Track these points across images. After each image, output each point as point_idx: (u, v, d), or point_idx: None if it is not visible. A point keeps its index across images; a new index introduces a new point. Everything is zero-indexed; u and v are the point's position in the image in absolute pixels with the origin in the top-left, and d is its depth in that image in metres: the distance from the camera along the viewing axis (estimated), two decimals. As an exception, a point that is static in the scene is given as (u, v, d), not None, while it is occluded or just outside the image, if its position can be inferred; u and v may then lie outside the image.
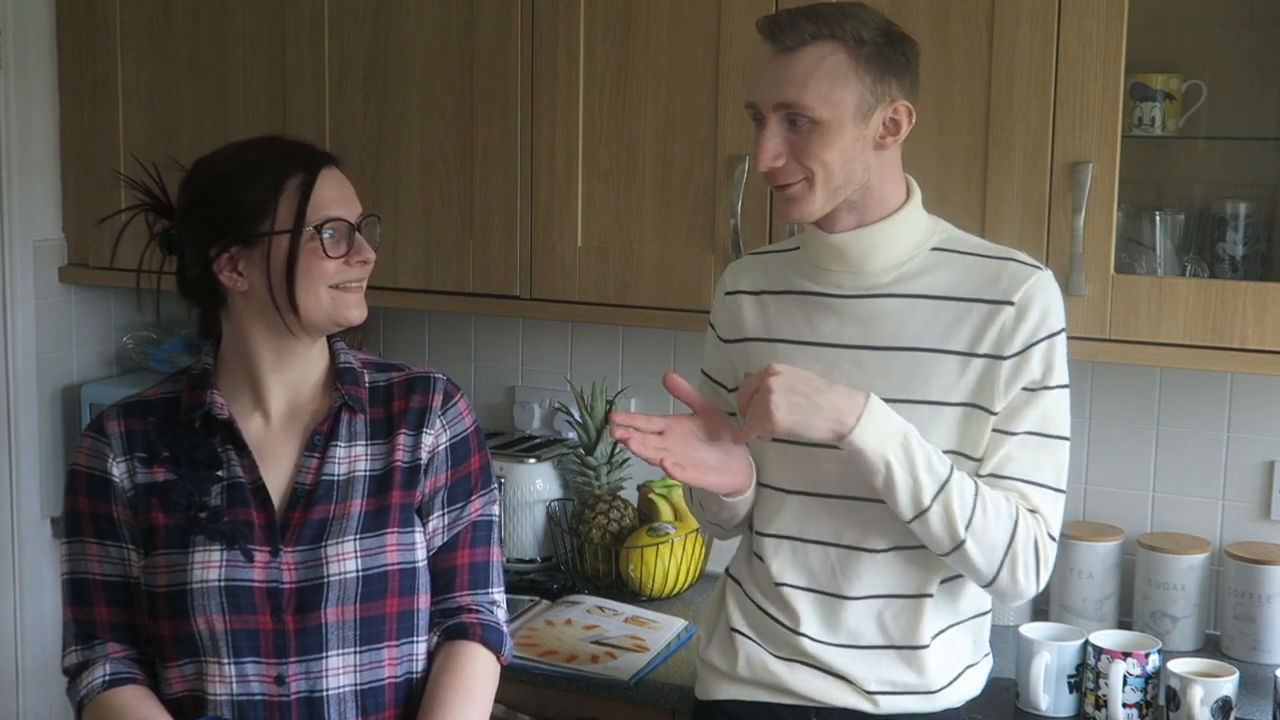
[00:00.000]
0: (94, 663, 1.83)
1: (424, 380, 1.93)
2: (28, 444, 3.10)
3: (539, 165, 2.62)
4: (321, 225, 1.80)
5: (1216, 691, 2.07)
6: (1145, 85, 2.29)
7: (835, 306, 1.91)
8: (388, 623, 1.83)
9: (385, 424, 1.89)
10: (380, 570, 1.82)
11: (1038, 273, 1.86)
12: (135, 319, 3.32)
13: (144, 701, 1.81)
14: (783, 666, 1.93)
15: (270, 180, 1.79)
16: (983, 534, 1.79)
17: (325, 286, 1.81)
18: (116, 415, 1.89)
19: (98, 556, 1.85)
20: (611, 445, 2.80)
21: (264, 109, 2.86)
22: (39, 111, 3.07)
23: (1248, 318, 2.14)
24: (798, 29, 1.80)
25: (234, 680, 1.79)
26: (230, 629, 1.78)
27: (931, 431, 1.83)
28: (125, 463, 1.85)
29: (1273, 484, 2.47)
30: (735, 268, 2.06)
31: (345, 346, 1.95)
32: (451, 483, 1.91)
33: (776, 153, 1.82)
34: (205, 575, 1.78)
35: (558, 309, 2.66)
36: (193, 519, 1.81)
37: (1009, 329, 1.83)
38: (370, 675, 1.82)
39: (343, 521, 1.82)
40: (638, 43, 2.52)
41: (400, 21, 2.71)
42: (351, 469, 1.86)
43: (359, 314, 1.85)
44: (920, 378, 1.85)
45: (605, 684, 2.32)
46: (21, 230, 3.05)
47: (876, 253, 1.89)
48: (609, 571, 2.74)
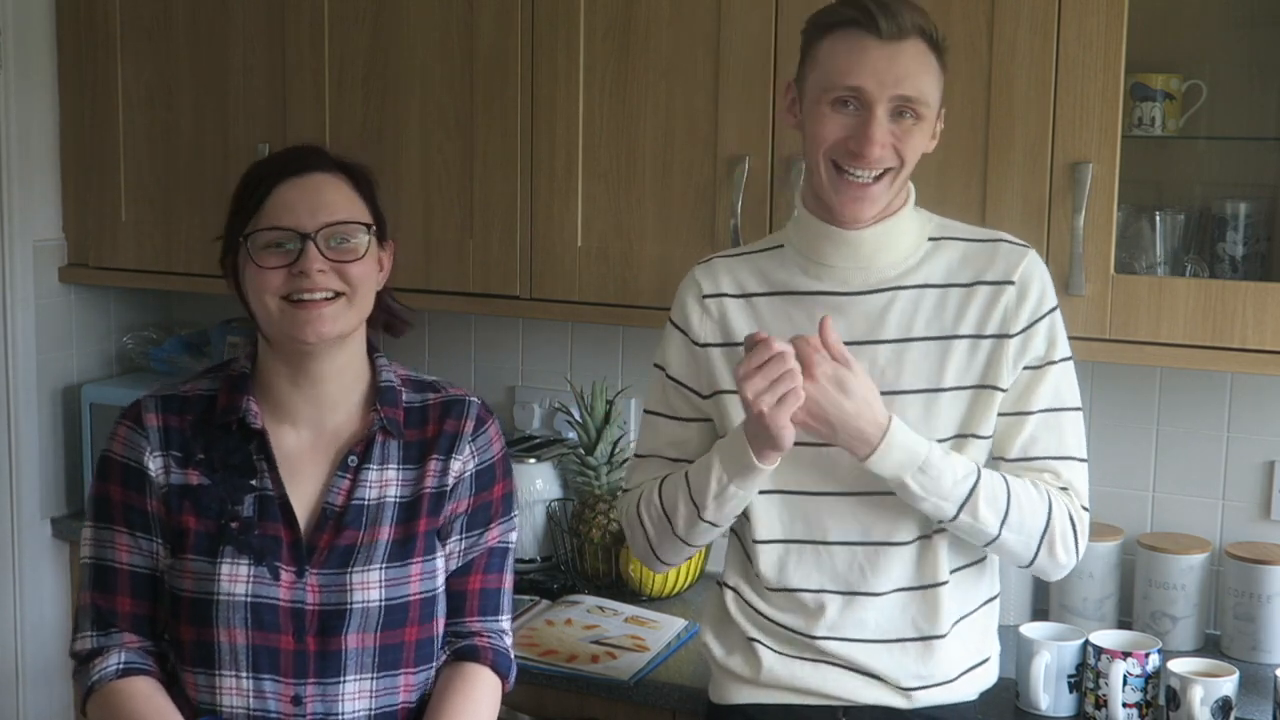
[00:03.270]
0: (108, 650, 1.82)
1: (459, 404, 1.91)
2: (28, 444, 3.10)
3: (539, 165, 2.62)
4: (250, 234, 1.78)
5: (1216, 691, 2.07)
6: (1145, 85, 2.29)
7: (839, 304, 1.89)
8: (406, 650, 1.83)
9: (419, 448, 1.87)
10: (403, 600, 1.81)
11: (1029, 251, 1.91)
12: (135, 319, 3.32)
13: (156, 693, 1.81)
14: (808, 668, 1.91)
15: (248, 188, 1.81)
16: (1019, 527, 1.83)
17: (272, 297, 1.78)
18: (155, 408, 1.86)
19: (127, 547, 1.84)
20: (611, 445, 2.80)
21: (264, 109, 2.86)
22: (39, 111, 3.07)
23: (1248, 318, 2.14)
24: (899, 18, 1.79)
25: (251, 695, 1.78)
26: (252, 644, 1.77)
27: (948, 415, 1.85)
28: (161, 458, 1.84)
29: (1273, 484, 2.47)
30: (708, 270, 1.99)
31: (388, 363, 1.92)
32: (473, 509, 1.90)
33: (884, 141, 1.81)
34: (233, 589, 1.77)
35: (558, 309, 2.66)
36: (224, 528, 1.80)
37: (1013, 307, 1.86)
38: (385, 700, 1.82)
39: (370, 549, 1.81)
40: (638, 43, 2.52)
41: (400, 21, 2.71)
42: (382, 494, 1.84)
43: (311, 332, 1.77)
44: (934, 366, 1.86)
45: (605, 684, 2.32)
46: (21, 230, 3.05)
47: (888, 248, 1.90)
48: (609, 571, 2.74)
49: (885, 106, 1.80)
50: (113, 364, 3.32)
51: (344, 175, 1.84)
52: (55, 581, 3.13)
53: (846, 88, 1.81)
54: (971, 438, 1.87)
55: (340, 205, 1.81)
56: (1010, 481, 1.84)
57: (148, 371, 3.24)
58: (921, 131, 1.84)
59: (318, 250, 1.77)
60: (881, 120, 1.80)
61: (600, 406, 2.79)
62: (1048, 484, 1.87)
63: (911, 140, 1.83)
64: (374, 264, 1.84)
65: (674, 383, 2.00)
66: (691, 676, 2.30)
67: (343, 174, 1.84)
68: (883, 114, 1.80)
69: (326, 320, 1.78)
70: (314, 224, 1.77)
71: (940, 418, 1.86)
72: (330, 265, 1.78)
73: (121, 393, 3.00)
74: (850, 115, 1.82)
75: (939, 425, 1.86)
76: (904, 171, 1.85)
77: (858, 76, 1.80)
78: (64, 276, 3.15)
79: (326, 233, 1.78)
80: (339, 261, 1.79)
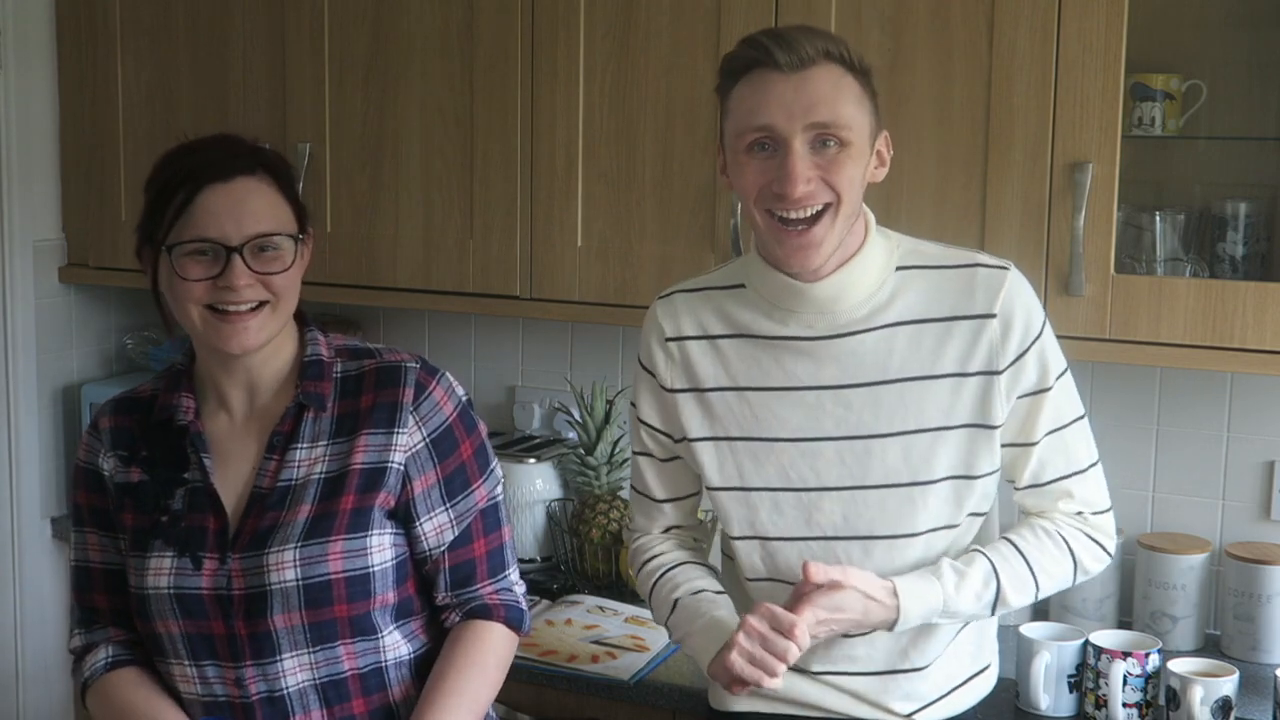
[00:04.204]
0: (97, 646, 1.89)
1: (394, 371, 1.85)
2: (28, 444, 3.10)
3: (539, 165, 2.62)
4: (172, 245, 1.76)
5: (1216, 691, 2.07)
6: (1145, 85, 2.29)
7: (807, 349, 1.84)
8: (340, 625, 1.80)
9: (350, 420, 1.83)
10: (322, 579, 1.77)
11: (1007, 274, 1.82)
12: (135, 319, 3.32)
13: (142, 681, 1.86)
14: (807, 682, 1.90)
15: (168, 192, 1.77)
16: (1050, 584, 1.87)
17: (195, 306, 1.77)
18: (110, 411, 1.92)
19: (98, 546, 1.89)
20: (611, 445, 2.80)
21: (264, 109, 2.86)
22: (39, 111, 3.07)
23: (1248, 318, 2.13)
24: (798, 48, 1.70)
25: (198, 682, 1.81)
26: (186, 633, 1.80)
27: (935, 458, 1.81)
28: (112, 459, 1.88)
29: (1273, 484, 2.47)
30: (668, 309, 1.93)
31: (319, 335, 1.88)
32: (445, 477, 1.86)
33: (808, 176, 1.71)
34: (157, 582, 1.80)
35: (558, 309, 2.66)
36: (155, 522, 1.82)
37: (998, 343, 1.80)
38: (328, 670, 1.81)
39: (288, 528, 1.78)
40: (638, 42, 2.52)
41: (400, 21, 2.71)
42: (309, 472, 1.82)
43: (236, 344, 1.76)
44: (913, 407, 1.81)
45: (605, 684, 2.32)
46: (21, 230, 3.06)
47: (851, 291, 1.81)
48: (609, 571, 2.74)
49: (802, 139, 1.71)
50: (112, 364, 3.32)
51: (267, 175, 1.80)
52: (55, 581, 3.13)
53: (757, 128, 1.72)
54: (965, 479, 1.83)
55: (265, 214, 1.77)
56: (1025, 551, 1.84)
57: (148, 371, 3.23)
58: (852, 159, 1.73)
59: (244, 264, 1.75)
60: (800, 153, 1.71)
61: (600, 406, 2.79)
62: (1059, 519, 1.87)
63: (842, 170, 1.72)
64: (299, 268, 1.82)
65: (646, 426, 1.97)
66: (691, 677, 2.30)
67: (266, 173, 1.80)
68: (800, 147, 1.71)
69: (251, 332, 1.77)
70: (239, 236, 1.75)
71: (925, 459, 1.81)
72: (255, 278, 1.76)
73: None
74: (768, 158, 1.73)
75: (923, 468, 1.82)
76: (844, 206, 1.73)
77: (766, 114, 1.71)
78: (64, 276, 3.16)
79: (252, 245, 1.76)
80: (264, 273, 1.77)
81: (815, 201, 1.73)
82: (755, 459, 1.87)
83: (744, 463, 1.87)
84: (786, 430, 1.85)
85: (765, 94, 1.72)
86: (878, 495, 1.83)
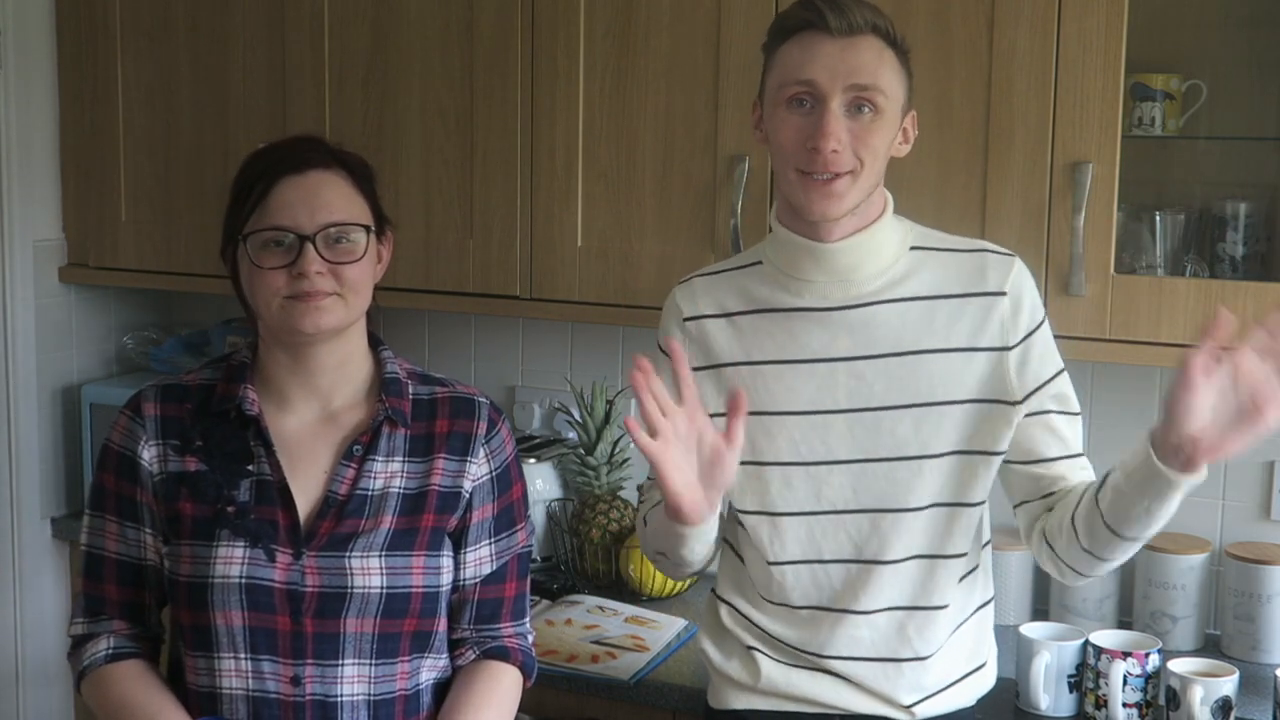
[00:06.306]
0: (98, 636, 1.88)
1: (468, 403, 1.92)
2: (28, 444, 3.10)
3: (539, 165, 2.62)
4: (248, 235, 1.79)
5: (1216, 691, 2.07)
6: (1145, 85, 2.29)
7: (821, 319, 1.87)
8: (403, 640, 1.83)
9: (425, 441, 1.88)
10: (404, 590, 1.81)
11: (1015, 259, 1.89)
12: (135, 319, 3.32)
13: (144, 676, 1.85)
14: (806, 677, 1.91)
15: (246, 186, 1.81)
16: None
17: (274, 297, 1.79)
18: (154, 397, 1.89)
19: (116, 536, 1.88)
20: (611, 445, 2.80)
21: (264, 109, 2.86)
22: (39, 111, 3.07)
23: (1248, 318, 2.13)
24: (851, 15, 1.77)
25: (250, 676, 1.80)
26: (249, 625, 1.79)
27: (941, 431, 1.84)
28: (157, 447, 1.86)
29: (1273, 484, 2.47)
30: (687, 291, 1.98)
31: (393, 355, 1.93)
32: (498, 512, 1.92)
33: (840, 137, 1.77)
34: (227, 571, 1.79)
35: (558, 309, 2.66)
36: (220, 512, 1.81)
37: (1009, 318, 1.84)
38: (383, 687, 1.82)
39: (371, 536, 1.81)
40: (638, 42, 2.52)
41: (400, 21, 2.71)
42: (387, 485, 1.85)
43: (309, 323, 1.79)
44: (924, 380, 1.84)
45: (605, 684, 2.32)
46: (21, 230, 3.06)
47: (868, 260, 1.86)
48: (609, 571, 2.74)
49: (840, 100, 1.77)
50: (113, 364, 3.32)
51: (343, 170, 1.84)
52: (55, 581, 3.13)
53: (799, 82, 1.78)
54: (980, 454, 1.85)
55: (338, 205, 1.81)
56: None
57: (148, 371, 3.24)
58: (882, 128, 1.79)
59: (316, 252, 1.78)
60: (836, 113, 1.76)
61: (600, 406, 2.79)
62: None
63: (871, 139, 1.78)
64: (371, 263, 1.85)
65: None
66: (691, 677, 2.30)
67: (342, 169, 1.84)
68: (837, 107, 1.77)
69: (324, 312, 1.80)
70: (313, 225, 1.78)
71: (935, 433, 1.84)
72: (328, 267, 1.79)
73: (121, 393, 2.97)
74: (806, 114, 1.78)
75: (933, 441, 1.84)
76: (865, 171, 1.79)
77: (810, 70, 1.78)
78: (64, 276, 3.16)
79: (325, 234, 1.79)
80: (336, 263, 1.80)
81: (841, 166, 1.78)
82: (768, 433, 1.88)
83: (757, 437, 1.88)
84: (798, 403, 1.87)
85: (813, 52, 1.78)
86: (886, 467, 1.85)
